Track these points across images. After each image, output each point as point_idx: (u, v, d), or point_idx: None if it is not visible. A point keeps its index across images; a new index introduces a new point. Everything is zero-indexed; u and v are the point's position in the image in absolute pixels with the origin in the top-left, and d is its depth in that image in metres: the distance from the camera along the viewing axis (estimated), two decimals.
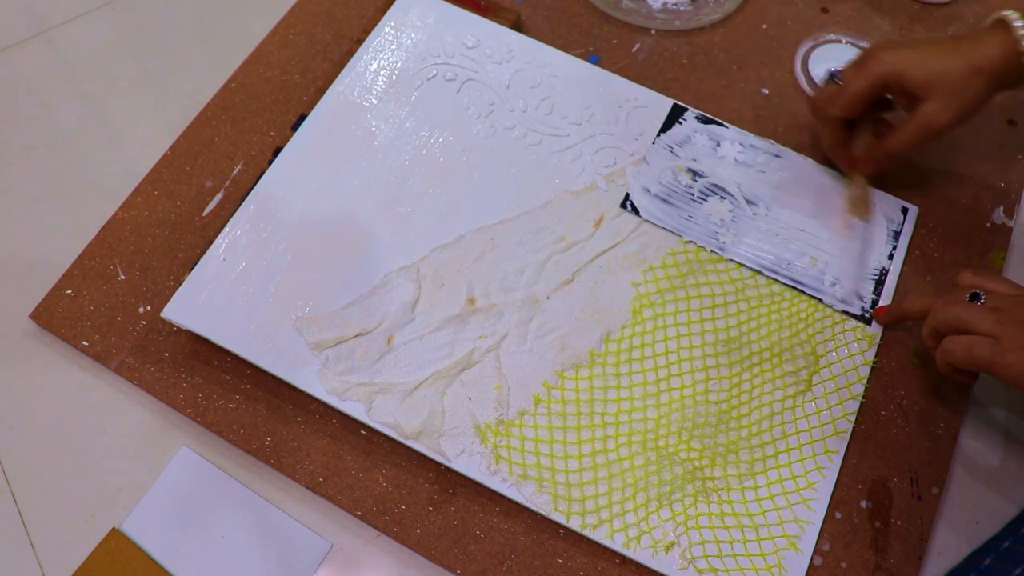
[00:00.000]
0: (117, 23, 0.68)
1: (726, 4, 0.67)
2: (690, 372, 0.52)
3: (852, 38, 0.66)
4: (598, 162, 0.58)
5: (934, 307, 0.48)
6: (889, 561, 0.48)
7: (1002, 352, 0.43)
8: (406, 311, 0.52)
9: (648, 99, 0.60)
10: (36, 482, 0.51)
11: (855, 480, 0.50)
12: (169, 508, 0.50)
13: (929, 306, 0.48)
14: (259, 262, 0.53)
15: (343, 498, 0.49)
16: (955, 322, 0.46)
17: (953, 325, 0.46)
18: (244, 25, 0.67)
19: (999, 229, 0.59)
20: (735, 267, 0.55)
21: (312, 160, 0.57)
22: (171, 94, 0.64)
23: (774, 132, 0.62)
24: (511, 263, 0.54)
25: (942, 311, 0.47)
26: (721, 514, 0.48)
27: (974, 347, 0.45)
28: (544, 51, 0.62)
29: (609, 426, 0.50)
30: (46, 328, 0.54)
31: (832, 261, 0.55)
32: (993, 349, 0.44)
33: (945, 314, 0.47)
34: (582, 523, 0.47)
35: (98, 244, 0.57)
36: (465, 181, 0.57)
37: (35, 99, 0.64)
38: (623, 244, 0.55)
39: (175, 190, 0.59)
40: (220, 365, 0.53)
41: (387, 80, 0.60)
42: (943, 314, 0.47)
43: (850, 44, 0.66)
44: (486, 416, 0.50)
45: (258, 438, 0.51)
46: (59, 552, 0.49)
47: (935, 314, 0.47)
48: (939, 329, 0.47)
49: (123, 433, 0.52)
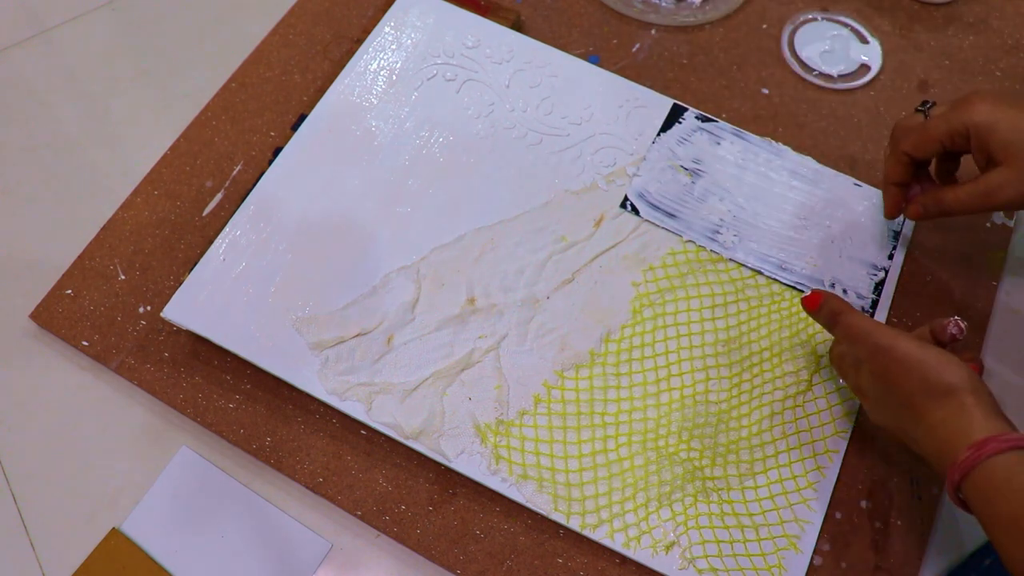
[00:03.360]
0: (117, 23, 0.68)
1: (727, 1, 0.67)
2: (690, 372, 0.52)
3: (827, 14, 0.67)
4: (598, 162, 0.58)
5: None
6: (889, 561, 0.48)
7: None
8: (406, 311, 0.52)
9: (648, 99, 0.60)
10: (36, 482, 0.51)
11: (855, 480, 0.50)
12: (169, 508, 0.50)
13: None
14: (259, 262, 0.53)
15: (343, 498, 0.49)
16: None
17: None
18: (244, 25, 0.67)
19: (999, 229, 0.59)
20: (735, 267, 0.55)
21: (312, 160, 0.57)
22: (171, 94, 0.64)
23: (774, 132, 0.62)
24: (511, 263, 0.54)
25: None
26: (721, 514, 0.48)
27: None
28: (544, 51, 0.62)
29: (609, 426, 0.50)
30: (46, 328, 0.54)
31: (832, 261, 0.55)
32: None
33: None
34: (582, 523, 0.47)
35: (98, 244, 0.57)
36: (465, 181, 0.57)
37: (35, 99, 0.64)
38: (623, 244, 0.55)
39: (175, 190, 0.59)
40: (220, 365, 0.53)
41: (387, 80, 0.60)
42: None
43: (826, 20, 0.67)
44: (486, 416, 0.50)
45: (258, 438, 0.51)
46: (59, 552, 0.49)
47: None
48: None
49: (123, 433, 0.52)
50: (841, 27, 0.67)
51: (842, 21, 0.67)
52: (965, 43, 0.66)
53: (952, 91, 0.64)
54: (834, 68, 0.65)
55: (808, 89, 0.64)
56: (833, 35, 0.66)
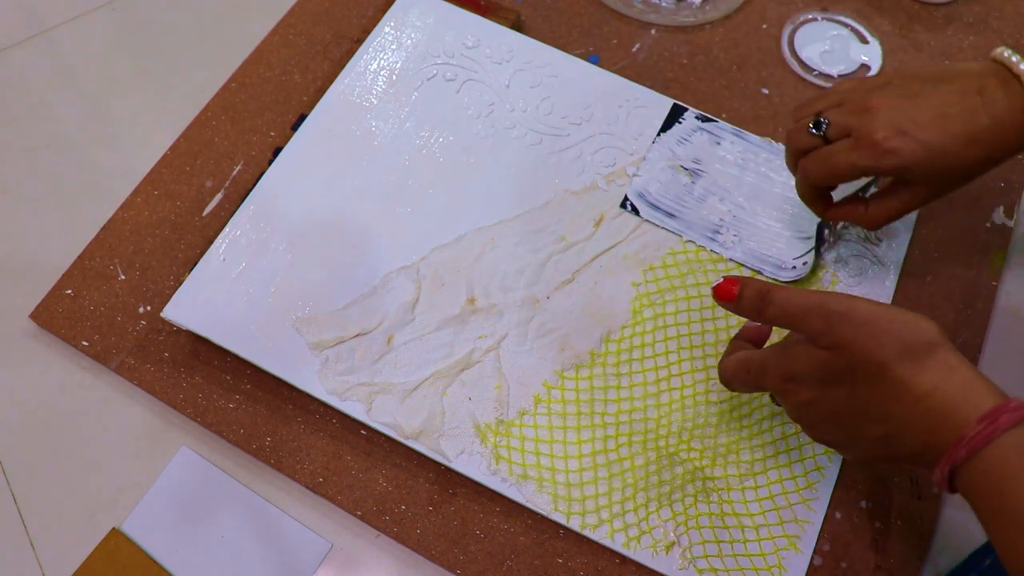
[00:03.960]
0: (117, 23, 0.68)
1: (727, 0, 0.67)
2: (690, 372, 0.52)
3: (827, 14, 0.67)
4: (598, 162, 0.58)
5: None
6: (889, 561, 0.48)
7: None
8: (406, 311, 0.52)
9: (648, 99, 0.60)
10: (36, 482, 0.51)
11: (855, 480, 0.50)
12: (169, 508, 0.50)
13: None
14: (259, 262, 0.53)
15: (343, 498, 0.49)
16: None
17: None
18: (244, 25, 0.67)
19: (999, 229, 0.59)
20: (735, 267, 0.55)
21: (312, 160, 0.57)
22: (171, 94, 0.64)
23: (774, 132, 0.62)
24: (511, 263, 0.54)
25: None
26: (721, 514, 0.48)
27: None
28: (544, 51, 0.62)
29: (609, 426, 0.50)
30: (46, 328, 0.54)
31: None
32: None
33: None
34: (582, 523, 0.47)
35: (98, 244, 0.57)
36: (465, 181, 0.57)
37: (35, 99, 0.64)
38: (623, 244, 0.55)
39: (175, 190, 0.59)
40: (220, 365, 0.53)
41: (387, 80, 0.60)
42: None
43: (826, 20, 0.67)
44: (486, 416, 0.50)
45: (258, 438, 0.51)
46: (59, 552, 0.49)
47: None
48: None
49: (123, 433, 0.52)
50: (841, 27, 0.67)
51: (842, 21, 0.67)
52: (965, 43, 0.66)
53: None
54: (834, 68, 0.65)
55: (808, 89, 0.64)
56: (833, 35, 0.66)
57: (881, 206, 0.48)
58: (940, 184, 0.46)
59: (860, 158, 0.44)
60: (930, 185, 0.46)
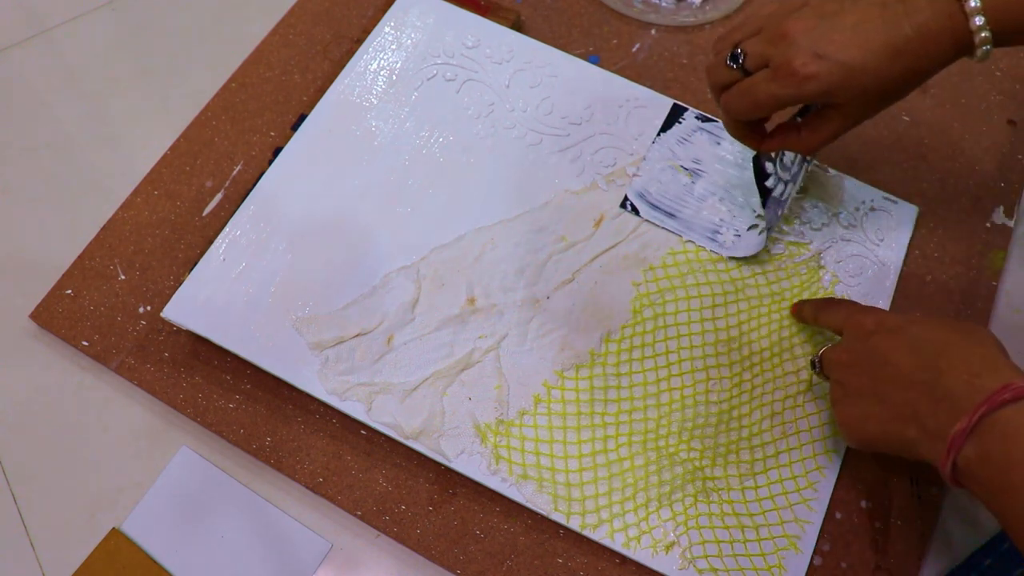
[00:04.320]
0: (117, 23, 0.68)
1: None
2: (690, 372, 0.52)
3: None
4: (598, 162, 0.58)
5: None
6: (889, 561, 0.48)
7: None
8: (406, 311, 0.52)
9: (648, 99, 0.60)
10: (36, 482, 0.51)
11: (855, 480, 0.50)
12: (169, 508, 0.50)
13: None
14: (259, 262, 0.53)
15: (343, 498, 0.49)
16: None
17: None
18: (244, 25, 0.67)
19: (999, 229, 0.59)
20: (735, 267, 0.55)
21: (312, 160, 0.57)
22: (171, 94, 0.64)
23: None
24: (511, 263, 0.54)
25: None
26: (721, 514, 0.48)
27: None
28: (544, 51, 0.62)
29: (609, 426, 0.50)
30: (46, 328, 0.54)
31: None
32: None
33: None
34: (582, 523, 0.47)
35: (98, 244, 0.57)
36: (465, 181, 0.57)
37: (35, 99, 0.64)
38: (623, 244, 0.55)
39: (175, 190, 0.59)
40: (220, 365, 0.53)
41: (387, 80, 0.60)
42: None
43: None
44: (486, 416, 0.50)
45: (258, 438, 0.51)
46: (59, 552, 0.49)
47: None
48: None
49: (123, 433, 0.52)
50: None
51: None
52: None
53: (951, 90, 0.64)
54: None
55: None
56: None
57: (814, 130, 0.47)
58: (869, 103, 0.45)
59: (780, 88, 0.43)
60: (859, 104, 0.45)
